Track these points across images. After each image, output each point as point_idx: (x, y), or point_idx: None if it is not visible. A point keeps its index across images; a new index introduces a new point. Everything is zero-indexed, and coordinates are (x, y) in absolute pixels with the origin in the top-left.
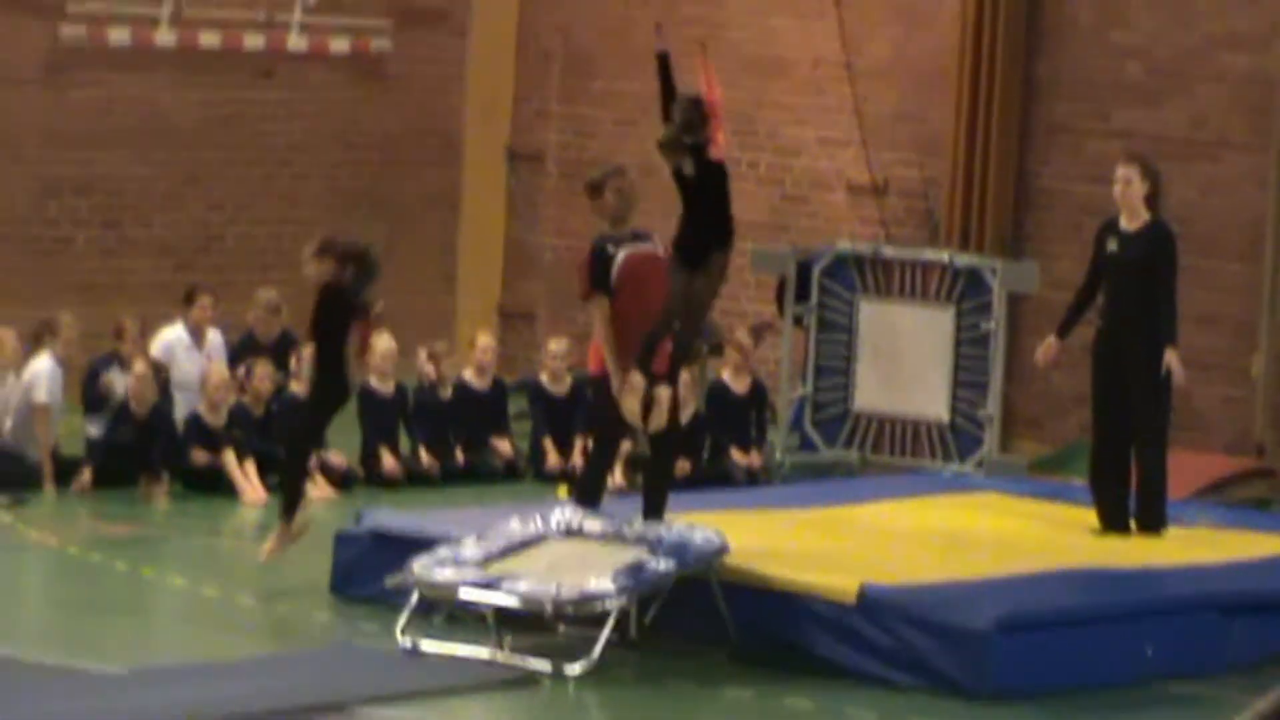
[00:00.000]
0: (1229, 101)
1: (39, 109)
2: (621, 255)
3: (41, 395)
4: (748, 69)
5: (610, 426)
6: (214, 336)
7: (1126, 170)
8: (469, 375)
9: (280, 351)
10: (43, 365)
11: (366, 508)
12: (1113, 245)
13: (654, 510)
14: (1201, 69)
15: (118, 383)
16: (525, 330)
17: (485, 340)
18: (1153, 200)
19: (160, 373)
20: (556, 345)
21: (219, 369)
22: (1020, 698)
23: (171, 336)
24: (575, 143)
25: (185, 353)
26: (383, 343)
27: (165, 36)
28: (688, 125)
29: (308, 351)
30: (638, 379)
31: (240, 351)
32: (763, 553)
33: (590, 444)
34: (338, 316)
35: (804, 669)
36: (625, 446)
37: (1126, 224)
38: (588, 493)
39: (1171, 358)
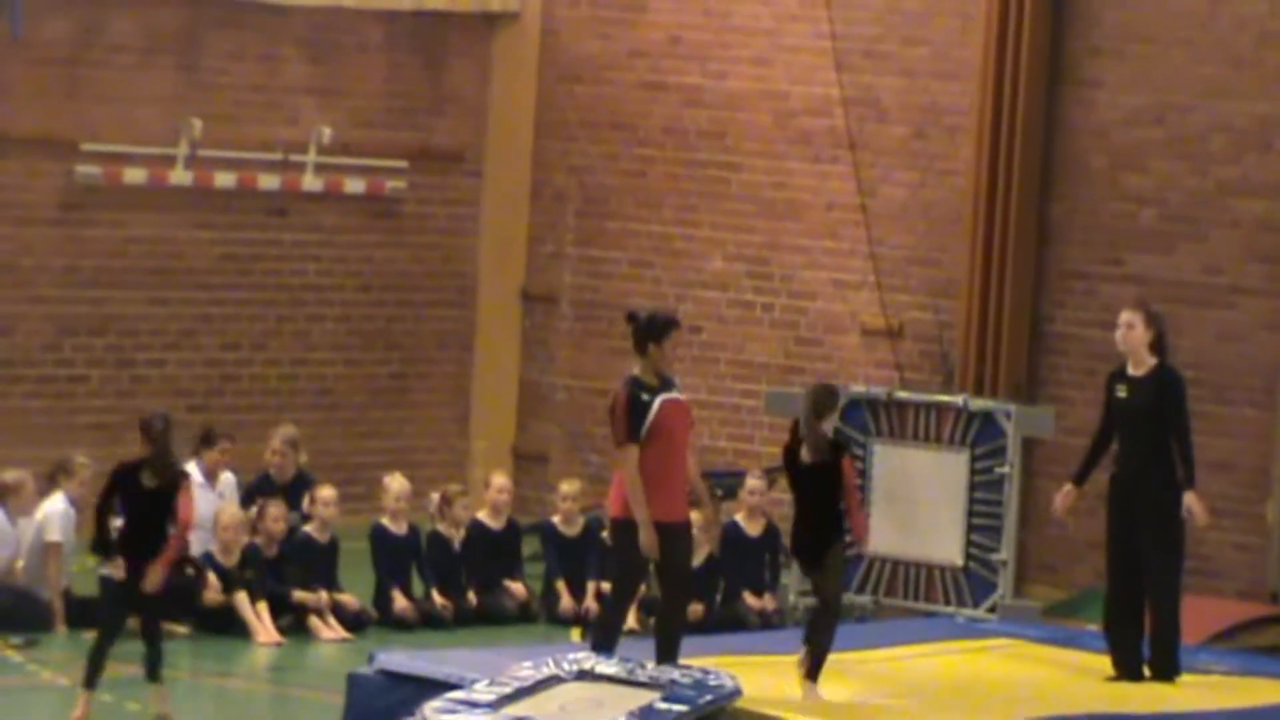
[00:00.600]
0: (1243, 247)
1: (54, 248)
2: (657, 403)
3: (54, 534)
4: (762, 211)
5: (630, 572)
6: (227, 477)
7: (1130, 316)
8: (484, 516)
9: (295, 491)
10: (56, 505)
11: (379, 649)
12: (1122, 392)
13: (667, 653)
14: (1215, 215)
15: None
16: (538, 472)
17: (501, 480)
18: (1158, 346)
19: None
20: (569, 487)
21: (232, 509)
22: None
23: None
24: (590, 284)
25: (199, 492)
26: (397, 483)
27: (181, 176)
28: (818, 408)
29: (324, 492)
30: None
31: (255, 492)
32: (776, 697)
33: (609, 588)
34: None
35: None
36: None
37: (1133, 370)
38: (605, 637)
39: (1192, 500)
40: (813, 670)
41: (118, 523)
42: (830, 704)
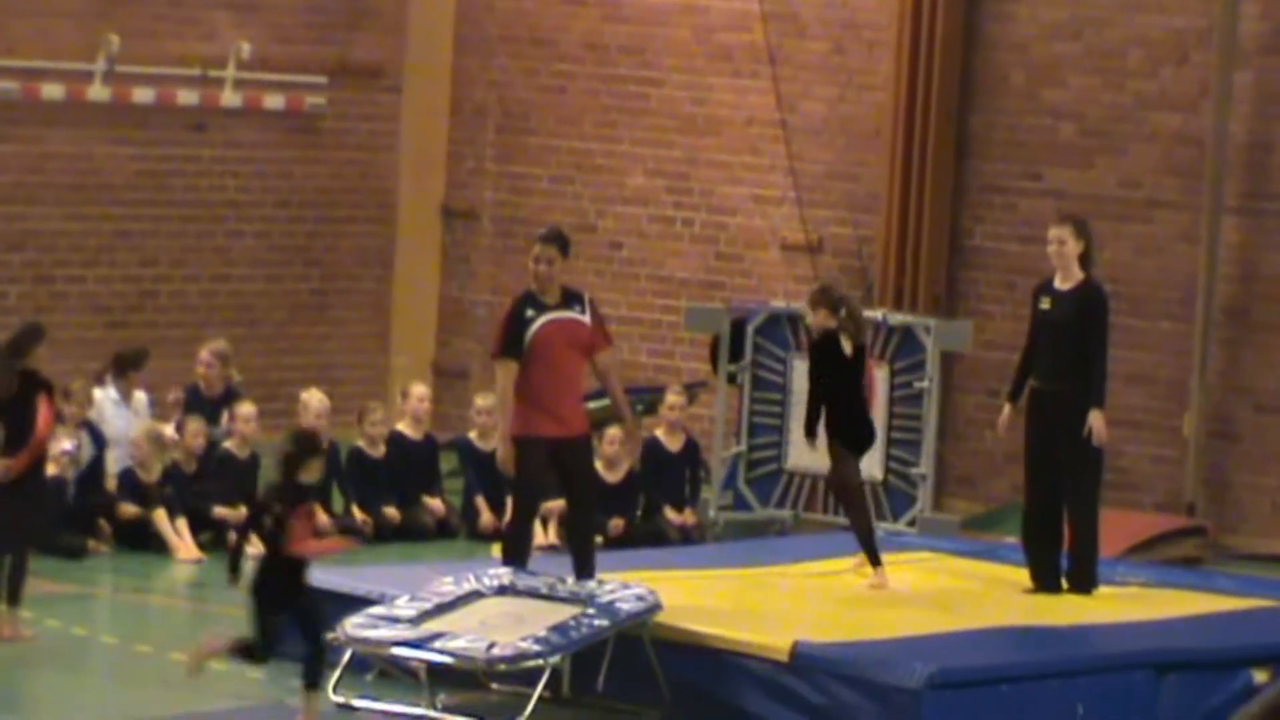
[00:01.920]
0: (1160, 161)
1: None
2: (540, 321)
3: None
4: (682, 127)
5: (526, 486)
6: (140, 396)
7: (1059, 231)
8: (403, 426)
9: (224, 406)
10: None
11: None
12: (1045, 304)
13: (584, 568)
14: (1133, 129)
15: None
16: (459, 388)
17: (420, 389)
18: (1086, 259)
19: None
20: (485, 401)
21: (146, 426)
22: None
23: (100, 395)
24: (510, 200)
25: (114, 409)
26: (316, 399)
27: (98, 92)
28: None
29: (244, 408)
30: None
31: (184, 407)
32: (696, 611)
33: (510, 503)
34: None
35: None
36: (559, 505)
37: (1060, 284)
38: (513, 551)
39: (1096, 419)
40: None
41: None
42: (748, 615)
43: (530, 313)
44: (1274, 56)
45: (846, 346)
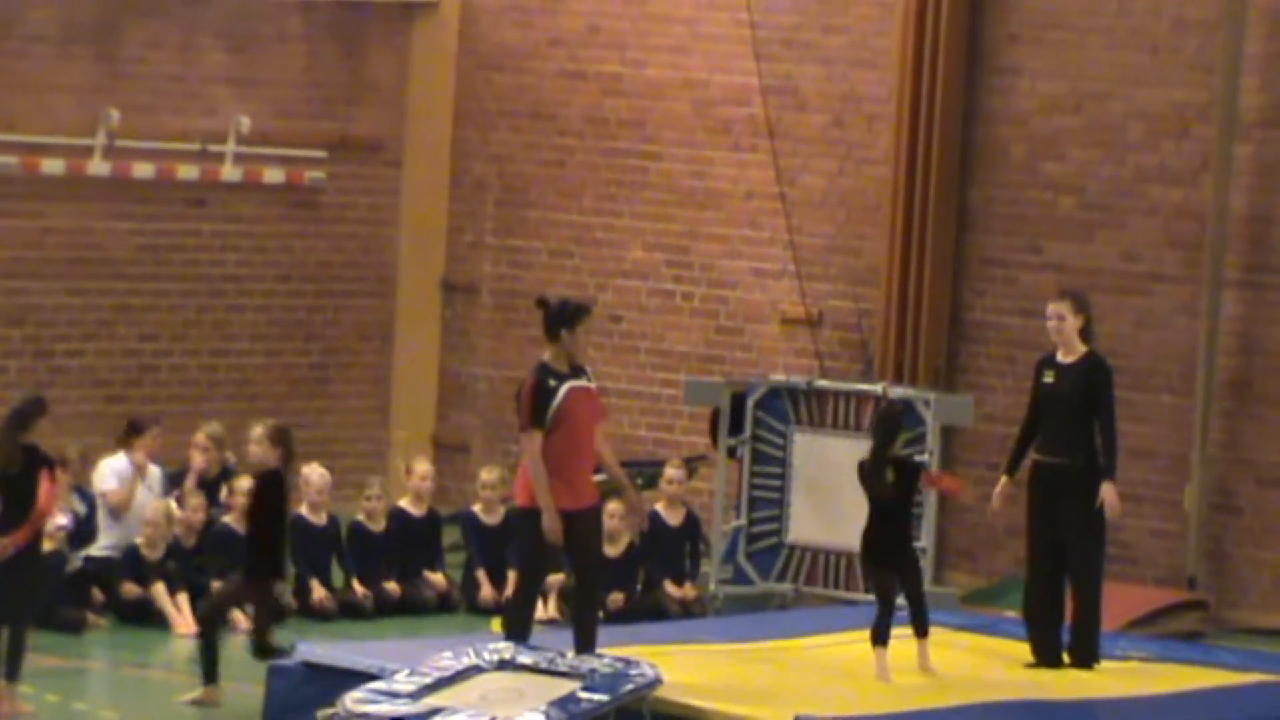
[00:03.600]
0: (1161, 234)
1: None
2: (563, 390)
3: None
4: (682, 200)
5: (535, 559)
6: (154, 471)
7: (1058, 306)
8: (405, 503)
9: (219, 485)
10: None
11: (299, 639)
12: (1049, 378)
13: (585, 642)
14: (1133, 202)
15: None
16: (459, 462)
17: (424, 467)
18: (1087, 333)
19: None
20: (490, 475)
21: (160, 505)
22: None
23: (119, 465)
24: (510, 274)
25: (126, 484)
26: (316, 474)
27: (98, 166)
28: (887, 437)
29: (242, 482)
30: None
31: (183, 483)
32: (696, 686)
33: (515, 577)
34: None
35: None
36: (558, 579)
37: (1063, 357)
38: (516, 626)
39: (1109, 492)
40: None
41: None
42: (749, 690)
43: (553, 382)
44: (1274, 130)
45: (890, 474)
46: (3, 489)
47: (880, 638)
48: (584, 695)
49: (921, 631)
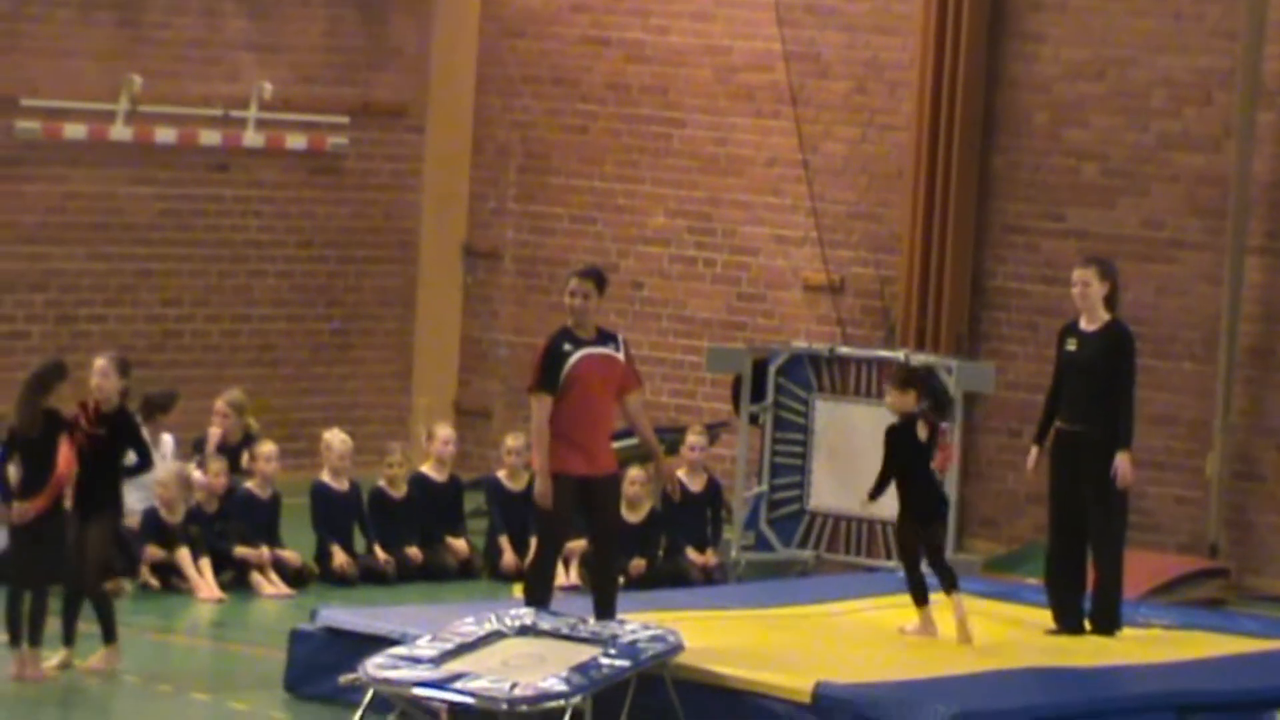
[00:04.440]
0: (1183, 201)
1: None
2: (577, 356)
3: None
4: (704, 167)
5: (551, 524)
6: (166, 439)
7: (1084, 273)
8: (427, 468)
9: (240, 451)
10: None
11: (321, 605)
12: (1071, 346)
13: (604, 607)
14: (1156, 169)
15: None
16: (480, 428)
17: (445, 432)
18: (1111, 300)
19: None
20: (514, 441)
21: (172, 466)
22: None
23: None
24: (532, 240)
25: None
26: (338, 440)
27: (121, 132)
28: (935, 400)
29: (265, 448)
30: None
31: (204, 450)
32: (717, 651)
33: (534, 542)
34: None
35: None
36: (580, 545)
37: (1086, 324)
38: (537, 591)
39: (1122, 461)
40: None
41: (14, 475)
42: (770, 655)
43: (567, 347)
44: None
45: (922, 432)
46: (23, 454)
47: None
48: (605, 661)
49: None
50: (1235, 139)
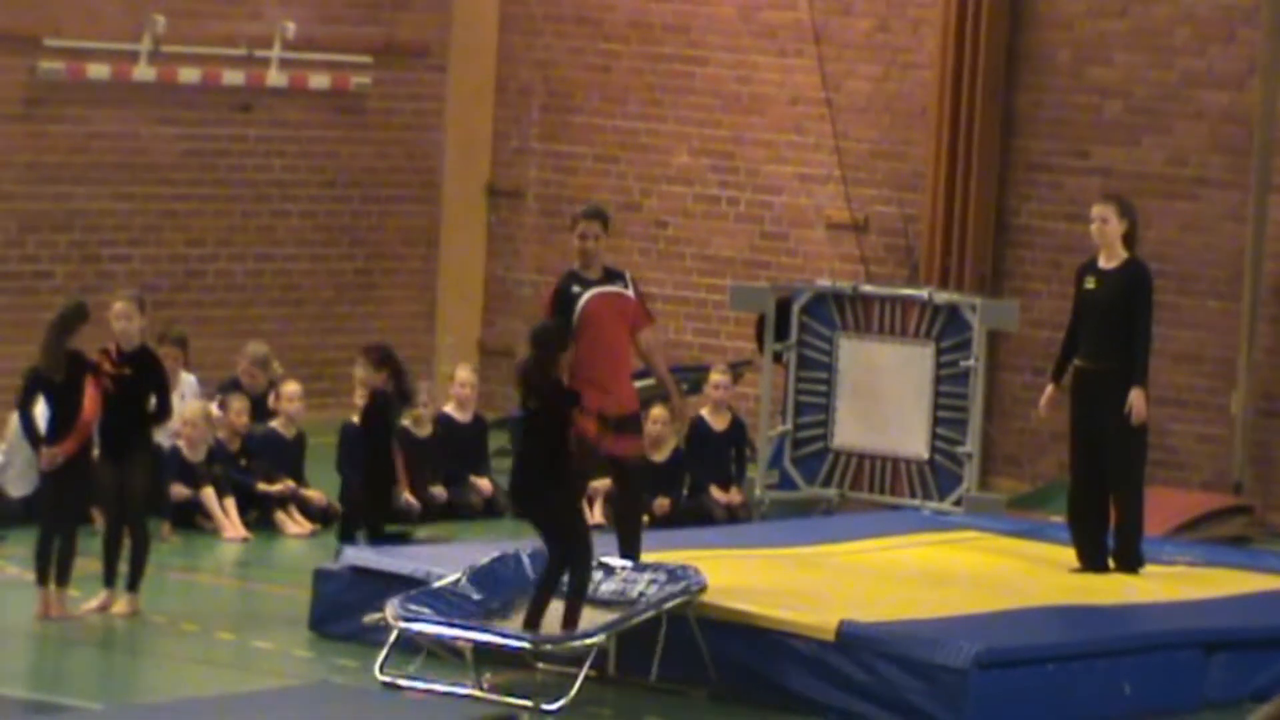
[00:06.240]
0: (1207, 139)
1: (17, 144)
2: (586, 296)
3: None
4: (727, 106)
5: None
6: (187, 377)
7: (1103, 209)
8: (450, 409)
9: (264, 397)
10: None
11: (345, 544)
12: (1090, 284)
13: (630, 547)
14: (1180, 106)
15: None
16: (505, 367)
17: (465, 375)
18: (1130, 239)
19: None
20: (464, 374)
21: (197, 405)
22: None
23: None
24: (555, 179)
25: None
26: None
27: (144, 72)
28: None
29: (289, 388)
30: None
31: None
32: (741, 590)
33: None
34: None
35: (782, 705)
36: (605, 484)
37: (1104, 263)
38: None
39: (1137, 397)
40: None
41: (41, 420)
42: (794, 594)
43: (576, 288)
44: None
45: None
46: (49, 397)
47: None
48: (629, 600)
49: None
50: (1260, 76)
